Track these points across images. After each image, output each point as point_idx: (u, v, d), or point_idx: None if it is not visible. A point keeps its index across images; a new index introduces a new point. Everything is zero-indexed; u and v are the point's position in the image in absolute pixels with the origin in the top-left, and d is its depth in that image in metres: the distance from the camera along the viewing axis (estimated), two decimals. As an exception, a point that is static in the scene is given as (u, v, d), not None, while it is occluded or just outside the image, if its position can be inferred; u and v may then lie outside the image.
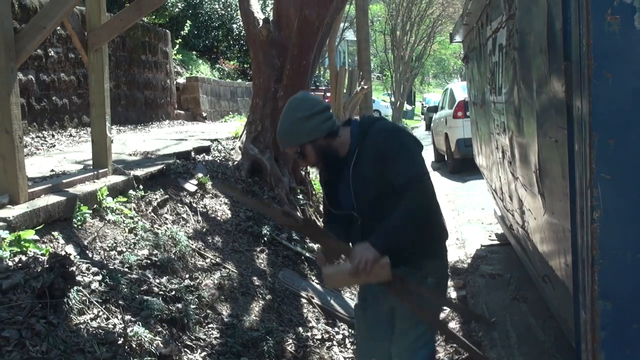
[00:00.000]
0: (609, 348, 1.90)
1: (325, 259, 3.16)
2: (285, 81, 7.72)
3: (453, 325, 5.52)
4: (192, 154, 7.48)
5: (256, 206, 3.28)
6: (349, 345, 5.12)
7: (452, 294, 6.42)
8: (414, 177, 2.99)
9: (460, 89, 15.63)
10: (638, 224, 1.86)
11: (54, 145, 8.58)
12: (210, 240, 5.70)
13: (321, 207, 8.41)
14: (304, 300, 5.64)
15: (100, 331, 3.50)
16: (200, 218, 5.98)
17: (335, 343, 5.06)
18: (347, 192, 3.18)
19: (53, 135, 9.53)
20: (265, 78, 7.88)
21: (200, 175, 6.76)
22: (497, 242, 8.02)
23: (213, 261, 5.30)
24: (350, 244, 3.19)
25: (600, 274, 1.88)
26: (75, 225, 4.47)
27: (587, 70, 1.84)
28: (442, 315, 5.72)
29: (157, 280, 4.34)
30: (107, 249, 4.45)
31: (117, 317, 3.71)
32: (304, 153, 3.14)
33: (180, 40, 19.19)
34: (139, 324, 3.70)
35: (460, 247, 8.13)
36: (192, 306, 4.30)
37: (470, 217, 9.51)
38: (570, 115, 2.11)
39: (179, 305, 4.21)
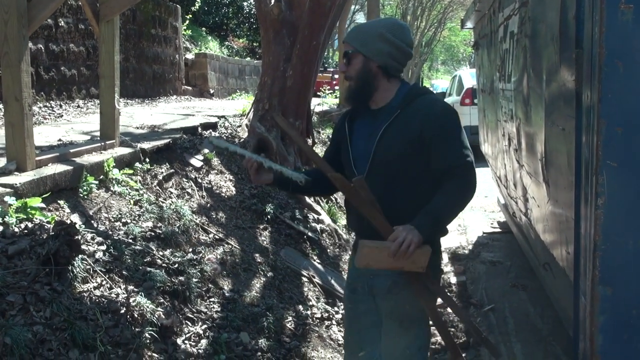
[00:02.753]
0: (607, 332, 1.93)
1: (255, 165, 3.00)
2: (294, 60, 7.71)
3: (451, 310, 5.54)
4: (199, 129, 7.49)
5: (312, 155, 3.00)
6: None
7: (452, 279, 6.45)
8: (470, 163, 2.74)
9: (468, 76, 15.58)
10: (641, 212, 1.88)
11: (62, 116, 8.60)
12: (214, 216, 5.73)
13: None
14: (304, 279, 5.68)
15: (103, 300, 3.54)
16: (204, 193, 6.01)
17: (334, 322, 5.11)
18: (364, 149, 2.90)
19: (61, 106, 9.54)
20: (275, 57, 7.87)
21: (206, 151, 6.78)
22: (498, 229, 8.04)
23: (216, 236, 5.33)
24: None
25: (601, 260, 1.90)
26: (81, 195, 4.50)
27: (598, 58, 1.85)
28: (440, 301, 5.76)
29: (161, 253, 4.37)
30: (112, 220, 4.48)
31: (120, 287, 3.75)
32: (352, 60, 2.88)
33: (190, 15, 19.12)
34: (141, 295, 3.74)
35: (462, 234, 8.16)
36: (195, 279, 4.34)
37: (473, 204, 9.53)
38: (579, 103, 2.12)
39: (182, 278, 4.24)
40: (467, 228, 8.38)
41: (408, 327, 2.98)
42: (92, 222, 4.29)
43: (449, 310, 5.49)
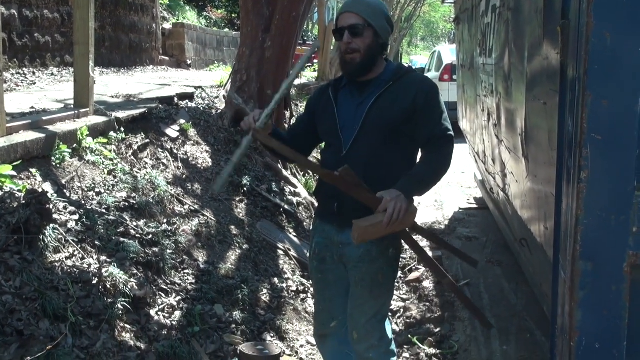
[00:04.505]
0: (587, 308, 1.91)
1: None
2: (273, 31, 7.61)
3: (427, 284, 5.56)
4: (176, 99, 7.38)
5: (295, 158, 3.03)
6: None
7: (428, 254, 6.45)
8: (451, 136, 2.95)
9: (448, 52, 15.55)
10: (624, 187, 1.85)
11: (35, 83, 8.43)
12: (189, 187, 5.66)
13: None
14: (280, 252, 5.65)
15: (75, 270, 3.48)
16: (180, 164, 5.94)
17: (309, 295, 5.08)
18: (352, 117, 2.97)
19: (34, 73, 9.36)
20: (254, 27, 7.76)
21: (182, 121, 6.69)
22: (475, 205, 8.06)
23: (192, 208, 5.27)
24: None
25: (583, 234, 1.88)
26: (54, 164, 4.41)
27: (586, 28, 1.81)
28: (416, 275, 5.77)
29: (135, 223, 4.31)
30: (85, 189, 4.40)
31: (92, 257, 3.69)
32: (364, 33, 2.91)
33: (168, -16, 18.86)
34: (114, 265, 3.69)
35: (439, 209, 8.17)
36: (169, 251, 4.29)
37: (449, 179, 9.53)
38: (564, 75, 2.09)
39: (156, 249, 4.19)
40: (443, 204, 8.38)
41: (377, 295, 3.09)
42: (65, 191, 4.21)
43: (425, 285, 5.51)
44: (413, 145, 3.04)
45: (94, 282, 3.46)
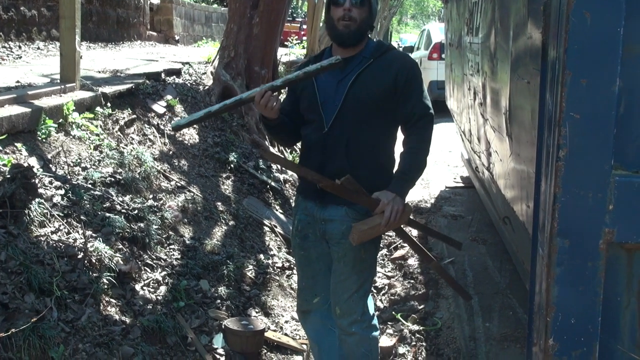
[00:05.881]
0: (563, 284, 1.95)
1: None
2: (261, 7, 7.58)
3: (412, 262, 5.61)
4: (163, 75, 7.34)
5: (297, 170, 3.09)
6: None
7: (413, 232, 6.50)
8: (432, 115, 3.01)
9: (437, 31, 15.52)
10: (601, 165, 1.88)
11: (21, 57, 8.36)
12: (176, 163, 5.67)
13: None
14: (267, 229, 5.67)
15: (61, 244, 3.49)
16: (167, 140, 5.93)
17: (295, 271, 5.12)
18: (334, 93, 2.99)
19: (20, 47, 9.28)
20: (241, 3, 7.72)
21: (169, 97, 6.67)
22: (461, 184, 8.09)
23: (178, 184, 5.27)
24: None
25: (560, 212, 1.91)
26: (40, 139, 4.39)
27: (566, 8, 1.83)
28: (401, 253, 5.81)
29: (120, 199, 4.31)
30: (71, 164, 4.40)
31: (78, 231, 3.70)
32: (363, 7, 2.95)
33: (156, -42, 18.63)
34: (99, 240, 3.70)
35: (425, 187, 8.20)
36: (155, 226, 4.30)
37: (436, 158, 9.56)
38: (546, 54, 2.11)
39: (141, 225, 4.20)
40: (430, 182, 8.41)
41: (360, 271, 3.13)
42: (51, 166, 4.21)
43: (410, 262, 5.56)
44: (394, 122, 3.06)
45: (80, 256, 3.48)
